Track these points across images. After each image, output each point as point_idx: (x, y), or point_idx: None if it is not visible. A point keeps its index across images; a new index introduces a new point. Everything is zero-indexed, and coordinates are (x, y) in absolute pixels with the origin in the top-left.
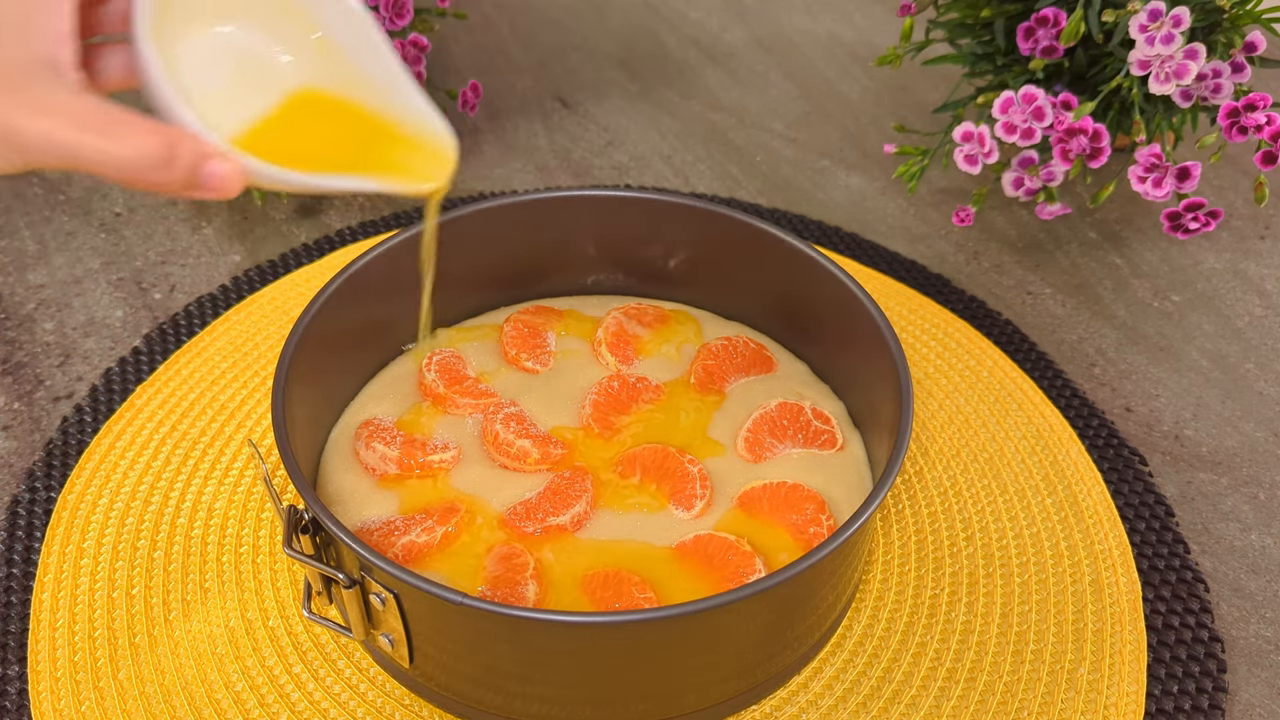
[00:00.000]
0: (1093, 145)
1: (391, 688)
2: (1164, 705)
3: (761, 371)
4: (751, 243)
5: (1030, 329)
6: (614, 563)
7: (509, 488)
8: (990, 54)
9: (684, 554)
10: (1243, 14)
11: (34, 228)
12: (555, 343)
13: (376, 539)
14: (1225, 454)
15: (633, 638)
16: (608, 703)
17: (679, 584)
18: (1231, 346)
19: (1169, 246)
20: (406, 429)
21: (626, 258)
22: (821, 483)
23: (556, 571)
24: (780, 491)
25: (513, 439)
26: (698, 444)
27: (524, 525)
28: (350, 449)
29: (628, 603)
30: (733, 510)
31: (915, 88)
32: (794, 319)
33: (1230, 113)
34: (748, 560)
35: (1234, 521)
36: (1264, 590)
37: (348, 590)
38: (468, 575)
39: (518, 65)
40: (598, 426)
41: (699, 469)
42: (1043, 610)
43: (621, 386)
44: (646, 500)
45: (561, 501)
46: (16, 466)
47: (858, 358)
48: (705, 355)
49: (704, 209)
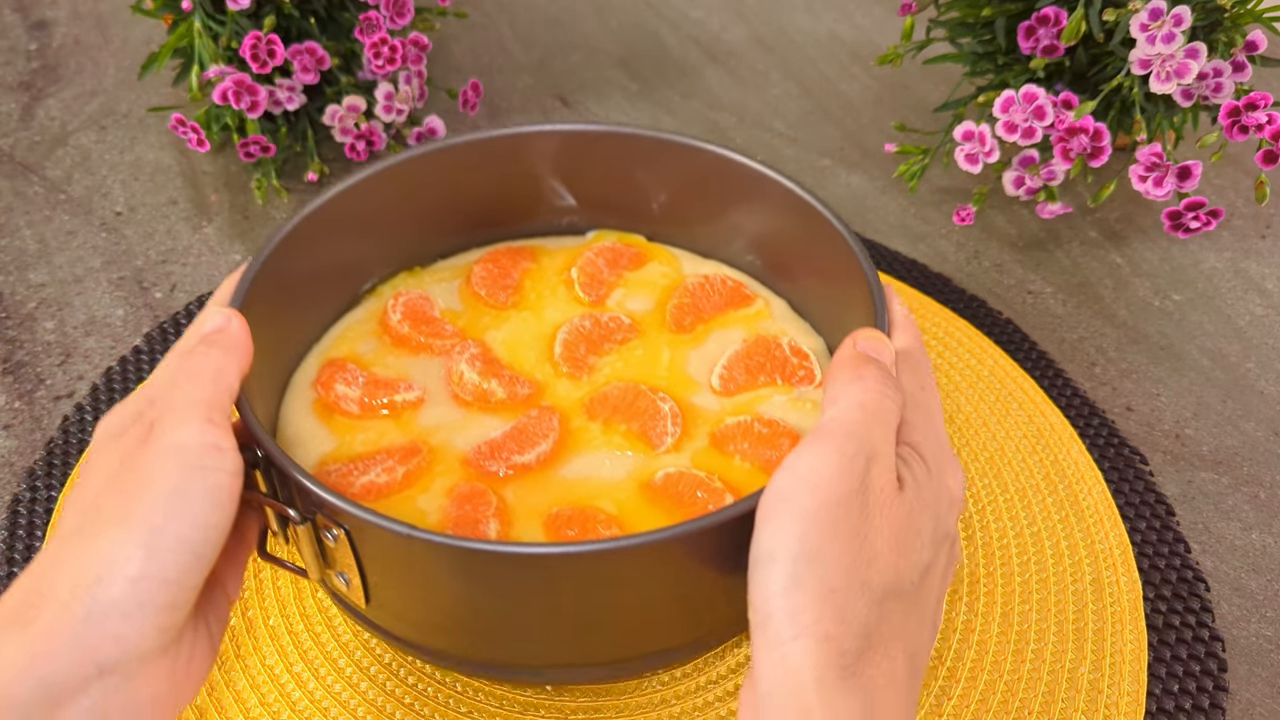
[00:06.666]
0: (1093, 144)
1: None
2: (1164, 704)
3: (739, 308)
4: (728, 178)
5: (1031, 328)
6: (580, 501)
7: (474, 428)
8: (991, 53)
9: (653, 492)
10: (1243, 13)
11: (35, 227)
12: (526, 283)
13: (335, 479)
14: (1226, 453)
15: (589, 570)
16: (568, 643)
17: (647, 522)
18: (1232, 346)
19: (1170, 246)
20: (370, 370)
21: (600, 196)
22: (798, 419)
23: (520, 510)
24: (754, 428)
25: (477, 379)
26: (673, 383)
27: (488, 464)
28: (311, 391)
29: (590, 539)
30: (705, 448)
31: (916, 87)
32: (772, 255)
33: (1231, 112)
34: (719, 497)
35: (1235, 521)
36: (1265, 589)
37: (300, 528)
38: (428, 515)
39: (518, 64)
40: (567, 366)
41: (670, 406)
42: (1043, 609)
43: (593, 325)
44: (616, 440)
45: (527, 440)
46: (17, 465)
47: (835, 291)
48: (682, 293)
49: (678, 143)
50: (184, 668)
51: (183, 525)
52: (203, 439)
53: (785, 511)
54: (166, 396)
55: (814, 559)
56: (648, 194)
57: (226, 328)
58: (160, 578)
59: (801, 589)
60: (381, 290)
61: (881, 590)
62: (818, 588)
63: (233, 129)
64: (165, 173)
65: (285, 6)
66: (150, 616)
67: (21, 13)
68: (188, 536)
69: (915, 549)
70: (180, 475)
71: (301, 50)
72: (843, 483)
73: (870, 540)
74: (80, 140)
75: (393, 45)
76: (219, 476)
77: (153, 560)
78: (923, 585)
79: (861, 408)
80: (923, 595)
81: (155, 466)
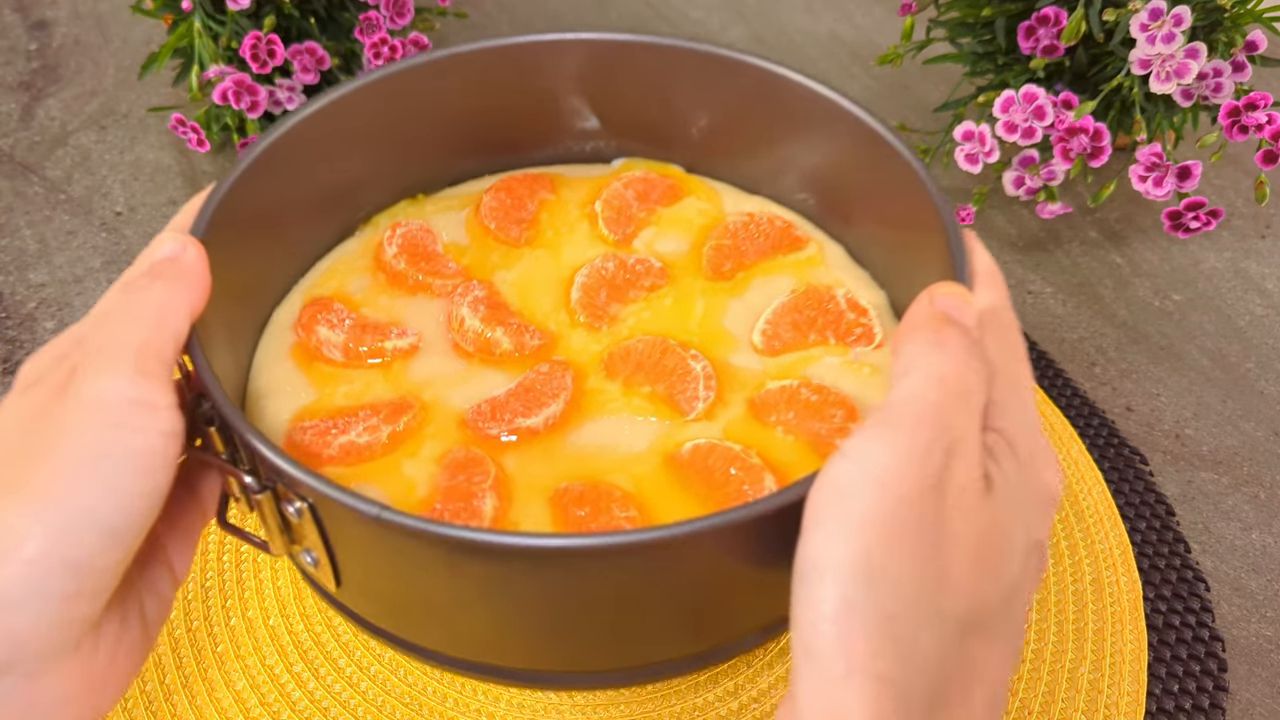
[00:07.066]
0: (1093, 144)
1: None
2: (1164, 704)
3: (787, 252)
4: (781, 100)
5: (1031, 328)
6: (593, 474)
7: (474, 383)
8: (991, 53)
9: (679, 466)
10: (1243, 13)
11: (35, 227)
12: (543, 216)
13: (310, 439)
14: (1226, 453)
15: (596, 569)
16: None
17: (670, 502)
18: (1232, 346)
19: (1170, 246)
20: (359, 311)
21: (630, 118)
22: (853, 386)
23: (521, 482)
24: (801, 394)
25: (480, 326)
26: (707, 339)
27: (487, 427)
28: (291, 333)
29: (605, 522)
30: (742, 416)
31: (916, 87)
32: (829, 193)
33: (1231, 112)
34: (755, 475)
35: (1235, 520)
36: (1265, 589)
37: (260, 496)
38: (416, 485)
39: None
40: (585, 315)
41: (703, 366)
42: (1043, 609)
43: (618, 268)
44: (638, 403)
45: (534, 400)
46: None
47: (903, 238)
48: (721, 234)
49: (724, 57)
50: (105, 664)
51: (93, 496)
52: (128, 392)
53: (842, 513)
54: (94, 336)
55: (874, 578)
56: (685, 117)
57: (179, 257)
58: (63, 560)
59: (856, 614)
60: (378, 220)
61: (958, 620)
62: (876, 614)
63: (233, 129)
64: (165, 173)
65: (285, 6)
66: (51, 607)
67: (21, 13)
68: (99, 510)
69: (1003, 566)
70: (96, 435)
71: (301, 50)
72: (915, 479)
73: (946, 554)
74: (80, 140)
75: (393, 45)
76: (146, 438)
77: (53, 538)
78: (1009, 610)
79: (941, 383)
80: (1008, 622)
81: (68, 423)
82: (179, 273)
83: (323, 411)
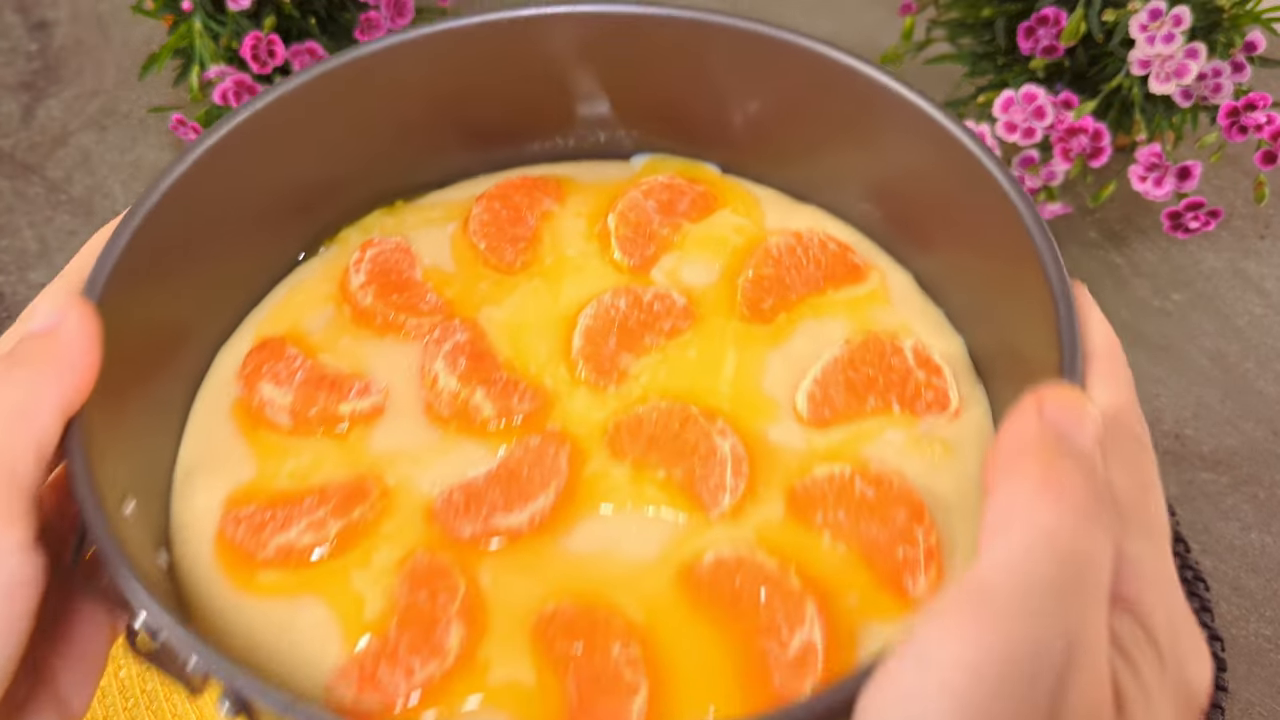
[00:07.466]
0: (1093, 145)
1: None
2: None
3: (841, 285)
4: (843, 95)
5: None
6: (589, 591)
7: (449, 459)
8: (991, 53)
9: (697, 585)
10: (1243, 14)
11: (35, 227)
12: (544, 234)
13: (243, 534)
14: (1225, 453)
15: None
16: None
17: (684, 636)
18: (1232, 346)
19: (1169, 246)
20: (316, 357)
21: (653, 107)
22: (920, 471)
23: (499, 603)
24: (855, 486)
25: (457, 386)
26: (739, 403)
27: (459, 524)
28: (234, 385)
29: (599, 666)
30: (780, 517)
31: (916, 87)
32: (898, 207)
33: (1230, 112)
34: (794, 606)
35: (1234, 520)
36: (1264, 589)
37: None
38: (365, 602)
39: None
40: (589, 370)
41: (731, 445)
42: None
43: (631, 307)
44: (650, 492)
45: (519, 489)
46: None
47: (988, 270)
48: (762, 260)
49: (768, 36)
50: None
51: None
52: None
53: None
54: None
55: None
56: (724, 107)
57: (54, 331)
58: None
59: None
60: (348, 235)
61: None
62: None
63: None
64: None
65: (285, 6)
66: None
67: (22, 13)
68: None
69: None
70: None
71: (301, 50)
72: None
73: None
74: (81, 140)
75: None
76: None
77: None
78: None
79: (1053, 549)
80: None
81: None
82: (49, 354)
83: (261, 495)
